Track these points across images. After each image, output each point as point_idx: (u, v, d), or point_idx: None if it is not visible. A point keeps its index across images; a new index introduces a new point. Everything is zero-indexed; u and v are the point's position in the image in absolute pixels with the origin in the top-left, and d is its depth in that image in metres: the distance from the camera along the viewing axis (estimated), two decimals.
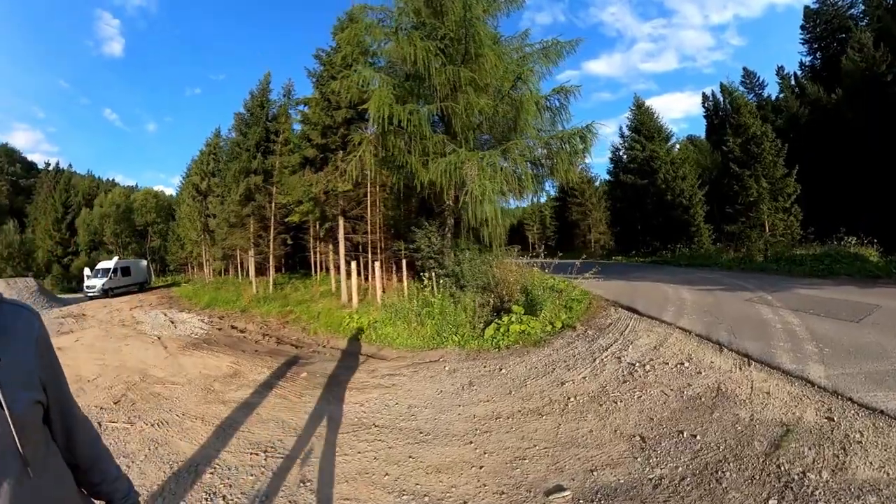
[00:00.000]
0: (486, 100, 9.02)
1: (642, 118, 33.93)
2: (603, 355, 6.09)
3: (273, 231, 21.65)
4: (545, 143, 9.68)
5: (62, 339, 11.59)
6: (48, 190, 54.70)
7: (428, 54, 8.56)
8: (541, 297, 8.79)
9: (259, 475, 3.53)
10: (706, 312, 7.76)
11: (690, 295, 9.80)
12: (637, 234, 32.46)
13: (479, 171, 8.28)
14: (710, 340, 6.03)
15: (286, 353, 8.93)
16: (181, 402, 5.62)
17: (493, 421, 4.43)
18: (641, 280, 13.91)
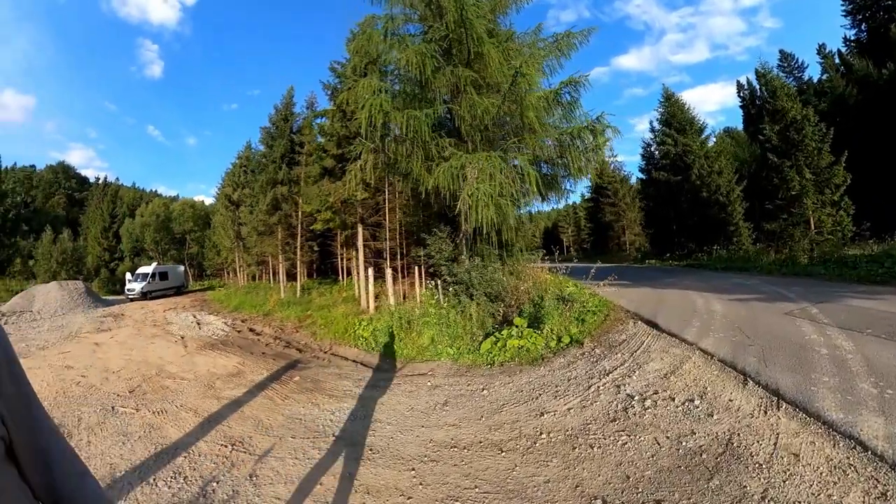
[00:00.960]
0: (490, 99, 8.73)
1: (673, 110, 32.23)
2: (601, 382, 5.36)
3: (300, 238, 22.58)
4: (556, 139, 9.29)
5: (100, 335, 12.91)
6: (97, 202, 60.13)
7: (422, 58, 8.46)
8: (548, 308, 8.29)
9: (220, 464, 3.98)
10: (736, 329, 6.76)
11: (721, 306, 8.83)
12: (672, 235, 30.64)
13: (479, 173, 8.06)
14: (734, 368, 5.12)
15: (289, 356, 9.28)
16: (183, 396, 6.24)
17: (448, 449, 4.06)
18: (671, 287, 12.95)
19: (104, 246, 53.32)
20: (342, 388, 6.36)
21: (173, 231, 55.87)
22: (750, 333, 6.49)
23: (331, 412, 5.30)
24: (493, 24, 10.54)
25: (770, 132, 23.02)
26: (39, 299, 21.49)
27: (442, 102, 9.16)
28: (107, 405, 5.93)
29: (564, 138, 9.11)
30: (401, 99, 9.52)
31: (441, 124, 10.05)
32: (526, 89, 8.51)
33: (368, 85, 8.81)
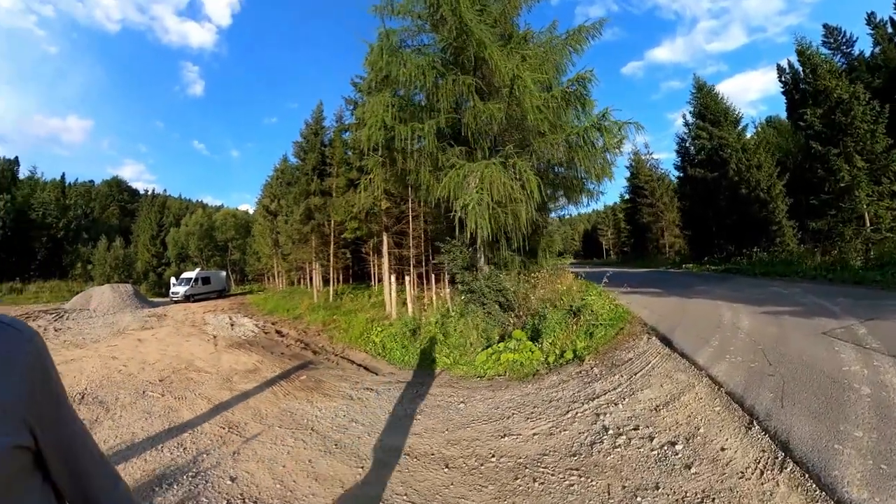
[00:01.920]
0: (496, 105, 8.67)
1: (705, 102, 30.37)
2: (582, 407, 4.97)
3: (333, 246, 23.75)
4: (565, 141, 8.98)
5: (143, 333, 14.22)
6: (146, 212, 66.67)
7: (420, 71, 8.63)
8: (551, 320, 8.02)
9: (214, 442, 4.73)
10: (758, 353, 5.81)
11: (750, 321, 7.86)
12: (711, 236, 28.59)
13: (480, 182, 8.06)
14: (741, 405, 4.31)
15: (304, 357, 9.92)
16: (202, 387, 7.06)
17: (401, 456, 4.22)
18: (701, 296, 11.90)
19: (152, 252, 59.14)
20: (339, 389, 6.80)
21: (216, 239, 60.76)
22: (773, 359, 5.49)
23: (319, 409, 5.77)
24: (505, 27, 10.62)
25: (811, 117, 20.69)
26: (95, 299, 24.13)
27: (447, 112, 9.22)
28: (139, 389, 7.03)
29: (572, 139, 8.81)
30: (408, 111, 9.74)
31: (450, 133, 10.25)
32: (522, 91, 8.32)
33: (379, 101, 9.19)
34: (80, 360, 9.63)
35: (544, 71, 9.65)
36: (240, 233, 60.64)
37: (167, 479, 3.90)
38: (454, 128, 9.65)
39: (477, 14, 9.02)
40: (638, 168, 47.38)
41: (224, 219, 63.97)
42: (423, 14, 9.75)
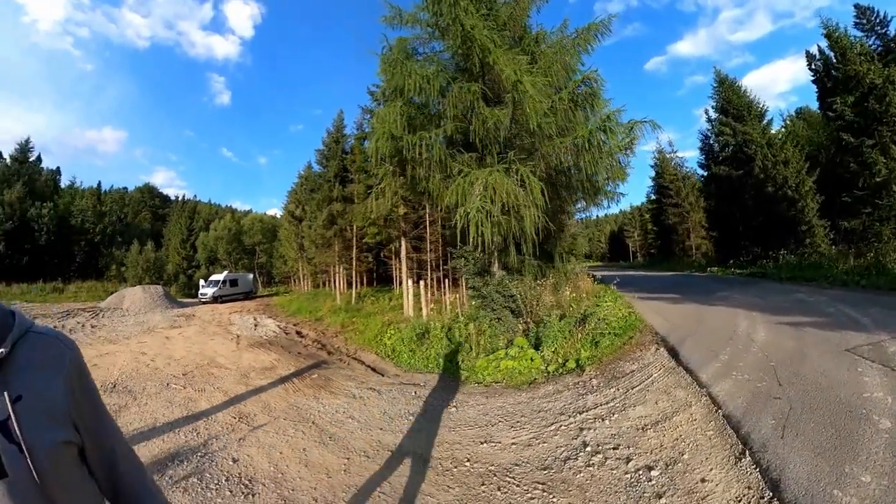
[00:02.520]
0: (502, 110, 8.74)
1: (728, 96, 29.05)
2: (569, 420, 4.86)
3: (355, 250, 24.47)
4: (572, 144, 8.92)
5: (171, 331, 15.09)
6: (177, 217, 70.37)
7: (425, 80, 8.82)
8: (553, 328, 7.98)
9: (224, 429, 5.27)
10: (769, 370, 5.31)
11: (766, 333, 7.30)
12: (737, 238, 27.17)
13: (484, 189, 8.17)
14: (736, 431, 3.93)
15: (319, 357, 10.32)
16: (221, 381, 7.66)
17: (384, 451, 4.52)
18: (720, 303, 11.38)
19: (182, 255, 62.52)
20: (344, 388, 7.12)
21: (244, 243, 63.75)
22: (784, 378, 4.98)
23: (322, 405, 6.14)
24: (515, 29, 10.67)
25: (842, 105, 19.21)
26: (128, 299, 25.73)
27: (456, 119, 9.37)
28: (164, 382, 7.71)
29: (579, 142, 8.76)
30: (417, 120, 9.97)
31: (461, 140, 10.37)
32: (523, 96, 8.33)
33: (388, 112, 9.50)
34: (113, 355, 10.42)
35: (552, 73, 9.62)
36: (267, 237, 63.30)
37: (179, 456, 4.47)
38: (465, 134, 9.78)
39: (482, 18, 9.11)
40: (663, 167, 46.02)
41: (252, 223, 67.43)
42: (429, 22, 9.90)
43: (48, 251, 50.55)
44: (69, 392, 0.96)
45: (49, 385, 0.93)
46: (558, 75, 9.70)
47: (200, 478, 4.01)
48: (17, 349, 0.91)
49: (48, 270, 46.37)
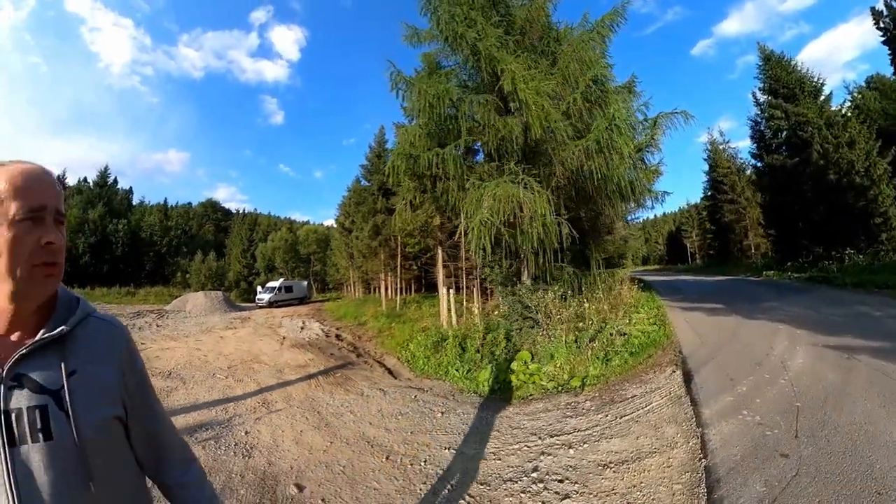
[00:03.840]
0: (514, 119, 8.84)
1: (776, 74, 26.12)
2: (536, 443, 4.72)
3: (400, 258, 25.84)
4: (586, 147, 8.68)
5: (226, 332, 16.88)
6: (238, 228, 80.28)
7: (436, 98, 9.09)
8: (566, 341, 7.85)
9: (248, 410, 6.35)
10: (790, 412, 4.33)
11: (806, 359, 6.15)
12: (797, 236, 24.25)
13: (493, 200, 8.29)
14: (709, 493, 3.21)
15: (348, 359, 11.25)
16: (258, 375, 8.78)
17: (360, 440, 5.18)
18: (764, 316, 10.18)
19: (243, 264, 70.63)
20: (359, 387, 7.79)
21: (300, 252, 68.98)
22: (806, 427, 3.95)
23: (333, 400, 6.95)
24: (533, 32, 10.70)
25: None
26: (190, 303, 29.36)
27: (470, 132, 9.70)
28: (211, 373, 9.05)
29: (590, 145, 8.57)
30: (436, 136, 10.30)
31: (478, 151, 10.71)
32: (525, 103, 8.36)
33: (406, 132, 10.29)
34: (172, 350, 12.11)
35: (569, 73, 9.46)
36: (321, 246, 67.88)
37: (206, 425, 5.69)
38: (483, 145, 10.09)
39: (494, 26, 9.35)
40: (716, 159, 42.64)
41: (307, 235, 72.71)
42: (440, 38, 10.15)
43: (123, 261, 61.12)
44: (120, 373, 1.06)
45: (102, 364, 1.03)
46: (575, 74, 9.44)
47: (217, 441, 5.14)
48: (78, 330, 1.02)
49: (122, 277, 55.31)
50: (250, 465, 4.52)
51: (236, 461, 4.62)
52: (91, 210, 60.98)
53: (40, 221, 0.93)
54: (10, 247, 0.89)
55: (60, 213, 0.98)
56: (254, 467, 4.47)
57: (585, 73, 9.20)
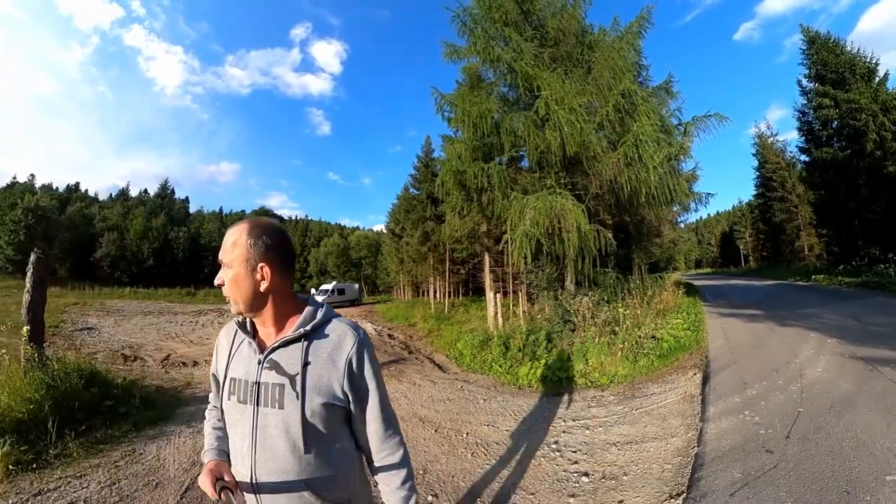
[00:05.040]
0: (552, 133, 9.13)
1: (822, 57, 23.84)
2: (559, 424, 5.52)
3: (448, 263, 26.91)
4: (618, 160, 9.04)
5: None
6: (290, 234, 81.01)
7: (479, 117, 9.72)
8: (600, 343, 8.37)
9: None
10: (790, 416, 4.63)
11: (826, 368, 6.24)
12: (853, 236, 22.32)
13: (534, 212, 8.81)
14: (692, 473, 3.78)
15: (400, 355, 12.27)
16: None
17: (414, 418, 6.01)
18: (798, 323, 10.08)
19: (296, 268, 71.88)
20: (411, 378, 8.71)
21: (351, 257, 72.87)
22: (799, 431, 4.26)
23: (389, 388, 7.46)
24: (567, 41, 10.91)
25: None
26: None
27: (511, 147, 10.29)
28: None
29: (620, 159, 8.97)
30: (480, 150, 11.03)
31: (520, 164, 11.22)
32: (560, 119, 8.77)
33: (452, 148, 11.01)
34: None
35: (602, 83, 9.81)
36: (371, 251, 70.97)
37: None
38: (523, 158, 10.71)
39: (528, 40, 9.77)
40: (765, 154, 39.76)
41: (358, 240, 76.37)
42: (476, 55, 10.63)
43: (183, 264, 70.44)
44: (346, 369, 1.28)
45: (331, 361, 1.28)
46: (608, 84, 9.79)
47: None
48: (319, 329, 1.31)
49: (182, 279, 61.60)
50: None
51: None
52: (154, 219, 70.34)
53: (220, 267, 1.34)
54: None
55: (222, 260, 1.32)
56: None
57: (617, 84, 9.51)
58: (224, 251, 1.30)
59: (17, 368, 5.21)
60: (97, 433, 5.05)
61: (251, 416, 1.28)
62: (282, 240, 1.34)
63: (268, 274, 1.29)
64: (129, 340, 14.49)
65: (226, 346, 1.44)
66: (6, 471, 4.07)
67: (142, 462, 4.53)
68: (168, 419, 5.94)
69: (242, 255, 1.28)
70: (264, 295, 1.31)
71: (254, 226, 1.32)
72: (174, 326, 19.23)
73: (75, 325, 17.60)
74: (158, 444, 5.03)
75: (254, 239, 1.28)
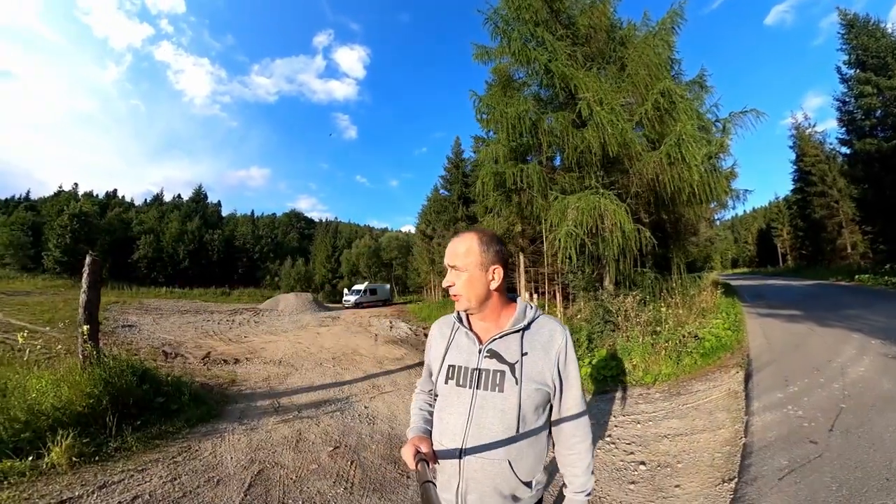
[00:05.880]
0: (592, 133, 9.04)
1: (862, 41, 22.58)
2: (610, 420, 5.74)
3: None
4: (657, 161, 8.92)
5: (321, 329, 19.21)
6: (322, 236, 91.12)
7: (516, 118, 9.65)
8: (643, 343, 8.36)
9: (361, 392, 7.69)
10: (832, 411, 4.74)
11: (868, 368, 6.20)
12: None
13: (577, 213, 8.78)
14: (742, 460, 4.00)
15: None
16: (362, 365, 10.42)
17: None
18: (840, 324, 9.80)
19: (327, 268, 79.79)
20: None
21: (382, 258, 74.81)
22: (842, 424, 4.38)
23: None
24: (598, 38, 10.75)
25: None
26: (282, 303, 33.06)
27: (550, 147, 10.29)
28: (318, 362, 10.73)
29: (662, 159, 8.81)
30: (518, 151, 11.07)
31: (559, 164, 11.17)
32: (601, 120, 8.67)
33: (489, 151, 11.14)
34: (275, 343, 14.41)
35: (638, 81, 9.69)
36: (402, 252, 72.54)
37: (329, 402, 7.12)
38: (563, 158, 10.54)
39: (560, 39, 9.79)
40: (802, 147, 37.28)
41: (388, 241, 78.95)
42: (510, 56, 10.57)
43: (218, 265, 74.25)
44: (555, 362, 1.48)
45: (544, 352, 1.48)
46: (644, 81, 9.67)
47: (342, 412, 6.50)
48: (532, 325, 1.54)
49: (217, 279, 64.73)
50: (376, 430, 5.73)
51: (363, 427, 5.83)
52: (189, 222, 75.20)
53: (447, 270, 1.57)
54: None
55: (450, 265, 1.54)
56: (379, 430, 5.74)
57: (654, 81, 9.43)
58: (455, 257, 1.53)
59: (75, 364, 5.38)
60: (152, 428, 5.22)
61: (469, 397, 1.47)
62: (503, 246, 1.57)
63: (499, 274, 1.53)
64: (169, 338, 15.24)
65: (441, 338, 1.67)
66: (70, 462, 4.19)
67: (199, 458, 4.64)
68: (219, 416, 6.15)
69: (477, 260, 1.51)
70: (491, 292, 1.54)
71: (482, 234, 1.56)
72: (211, 325, 20.13)
73: (116, 322, 18.56)
74: (213, 440, 5.16)
75: (485, 246, 1.52)
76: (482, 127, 20.60)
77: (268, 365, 10.29)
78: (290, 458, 4.70)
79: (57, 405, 4.73)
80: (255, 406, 6.73)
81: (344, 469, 4.47)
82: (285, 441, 5.18)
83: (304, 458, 4.72)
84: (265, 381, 8.60)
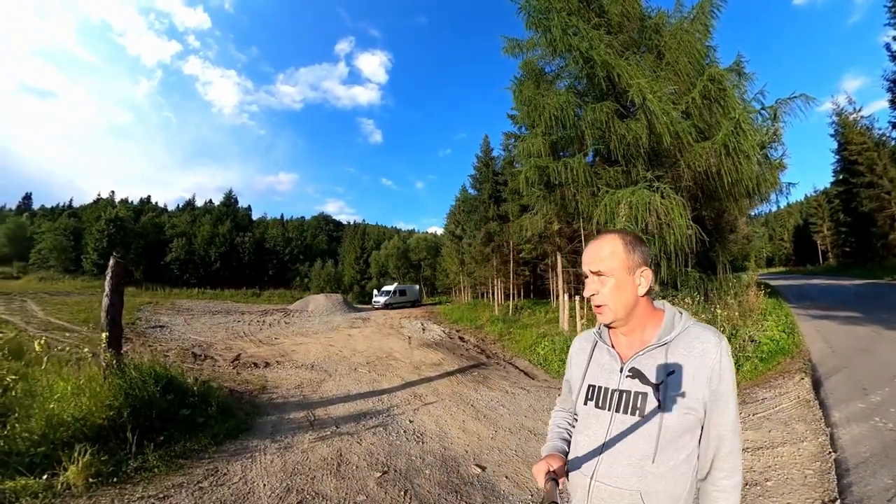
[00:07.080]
0: (637, 123, 8.79)
1: None
2: None
3: (512, 265, 26.31)
4: (712, 151, 8.50)
5: (352, 330, 19.05)
6: (350, 238, 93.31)
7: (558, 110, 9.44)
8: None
9: (402, 402, 7.29)
10: None
11: None
12: None
13: (629, 208, 8.43)
14: (839, 479, 3.64)
15: (478, 360, 12.16)
16: (398, 370, 10.01)
17: (523, 430, 5.88)
18: None
19: (356, 270, 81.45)
20: (499, 385, 8.70)
21: (410, 259, 75.37)
22: None
23: (480, 395, 7.82)
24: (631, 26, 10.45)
25: None
26: (312, 304, 33.07)
27: (594, 140, 9.81)
28: (352, 367, 10.30)
29: (718, 148, 8.38)
30: (560, 145, 10.77)
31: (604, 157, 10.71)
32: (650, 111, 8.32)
33: (529, 144, 10.65)
34: (306, 345, 14.25)
35: (680, 69, 9.46)
36: (430, 253, 73.04)
37: (368, 414, 6.60)
38: (607, 151, 10.10)
39: (595, 28, 9.52)
40: (846, 135, 34.00)
41: (417, 242, 79.45)
42: (547, 48, 10.35)
43: (248, 267, 76.97)
44: (707, 381, 1.25)
45: (694, 370, 1.25)
46: (686, 70, 9.48)
47: (385, 428, 5.93)
48: (680, 338, 1.30)
49: (248, 280, 67.38)
50: (426, 450, 5.16)
51: (412, 446, 5.25)
52: (220, 226, 78.12)
53: (587, 277, 1.38)
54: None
55: (593, 271, 1.36)
56: (430, 451, 5.13)
57: (696, 68, 9.31)
58: (599, 261, 1.35)
59: (97, 372, 5.04)
60: (176, 445, 4.77)
61: (607, 421, 1.33)
62: (647, 247, 1.39)
63: (648, 277, 1.34)
64: (199, 339, 15.38)
65: (582, 353, 1.52)
66: (86, 483, 3.78)
67: (227, 485, 4.13)
68: (249, 431, 5.67)
69: (623, 263, 1.33)
70: (639, 298, 1.35)
71: (624, 235, 1.38)
72: (242, 325, 20.31)
73: (148, 322, 19.04)
74: (243, 462, 4.67)
75: (630, 247, 1.34)
76: (515, 123, 20.07)
77: (300, 370, 9.93)
78: (331, 485, 4.15)
79: (77, 416, 4.39)
80: (288, 419, 6.25)
81: (397, 500, 3.91)
82: (325, 463, 4.64)
83: (348, 485, 4.16)
84: (298, 387, 8.19)
